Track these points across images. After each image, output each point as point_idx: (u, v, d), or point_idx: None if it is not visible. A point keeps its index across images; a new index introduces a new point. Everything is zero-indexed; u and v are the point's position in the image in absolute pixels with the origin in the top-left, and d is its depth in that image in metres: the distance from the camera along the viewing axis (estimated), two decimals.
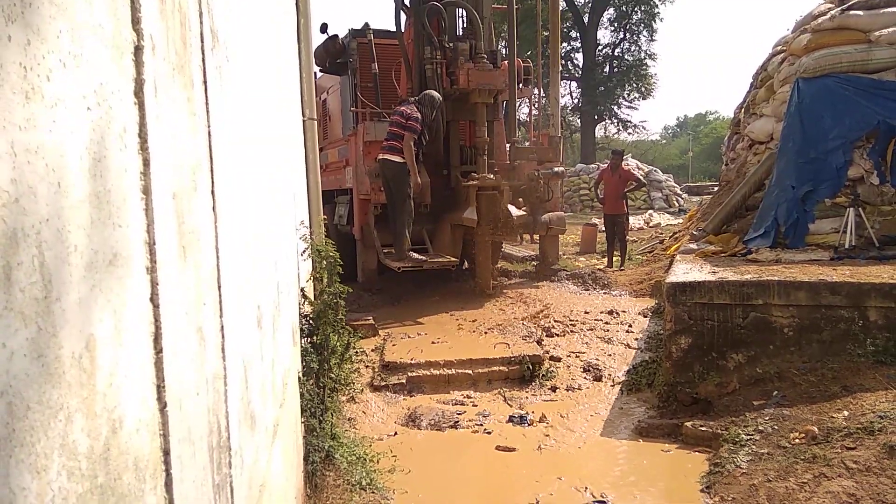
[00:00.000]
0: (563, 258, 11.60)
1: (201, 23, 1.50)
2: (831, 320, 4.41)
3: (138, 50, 1.06)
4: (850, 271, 4.73)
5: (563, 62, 36.91)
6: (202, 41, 1.50)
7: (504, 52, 8.90)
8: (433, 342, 6.15)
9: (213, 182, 1.53)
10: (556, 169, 8.57)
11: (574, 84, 36.42)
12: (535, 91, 9.94)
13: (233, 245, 1.68)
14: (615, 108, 35.88)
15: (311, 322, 3.52)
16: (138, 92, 1.06)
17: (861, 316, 4.34)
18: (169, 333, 1.10)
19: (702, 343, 4.72)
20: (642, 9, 34.31)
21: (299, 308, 3.45)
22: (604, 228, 11.68)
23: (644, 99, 36.03)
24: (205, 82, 1.51)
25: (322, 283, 3.67)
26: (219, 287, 1.51)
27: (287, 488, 2.49)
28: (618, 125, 37.13)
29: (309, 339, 3.52)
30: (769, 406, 4.18)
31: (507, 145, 8.70)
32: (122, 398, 0.92)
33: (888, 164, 5.72)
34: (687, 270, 5.21)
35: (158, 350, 1.07)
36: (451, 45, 7.88)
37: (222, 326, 1.52)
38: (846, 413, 3.82)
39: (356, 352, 6.09)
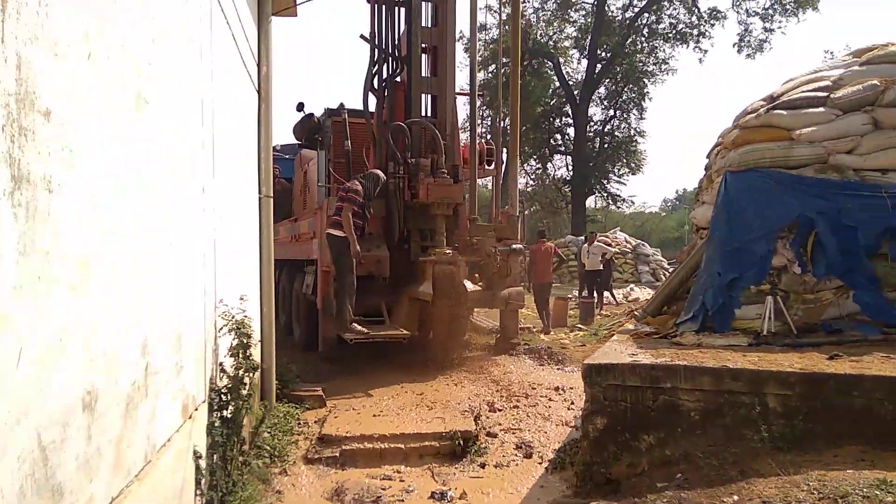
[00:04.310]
0: (531, 332, 11.90)
1: None
2: (734, 405, 4.60)
3: None
4: (758, 358, 4.95)
5: (557, 136, 38.10)
6: None
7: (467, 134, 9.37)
8: (374, 415, 6.32)
9: None
10: (514, 246, 8.91)
11: (569, 158, 37.38)
12: (502, 169, 10.40)
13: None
14: (605, 182, 36.72)
15: (222, 396, 3.74)
16: None
17: (761, 402, 4.53)
18: None
19: (616, 424, 4.90)
20: (632, 88, 35.57)
21: (212, 383, 3.68)
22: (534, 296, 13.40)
23: (633, 174, 36.97)
24: None
25: (238, 358, 3.91)
26: None
27: None
28: (607, 199, 37.88)
29: (219, 413, 3.73)
30: (670, 488, 4.33)
31: (468, 222, 9.06)
32: None
33: (809, 254, 6.02)
34: (608, 351, 5.44)
35: None
36: (413, 160, 8.38)
37: None
38: (735, 498, 3.98)
39: (299, 422, 6.30)
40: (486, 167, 9.71)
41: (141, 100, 2.30)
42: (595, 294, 16.00)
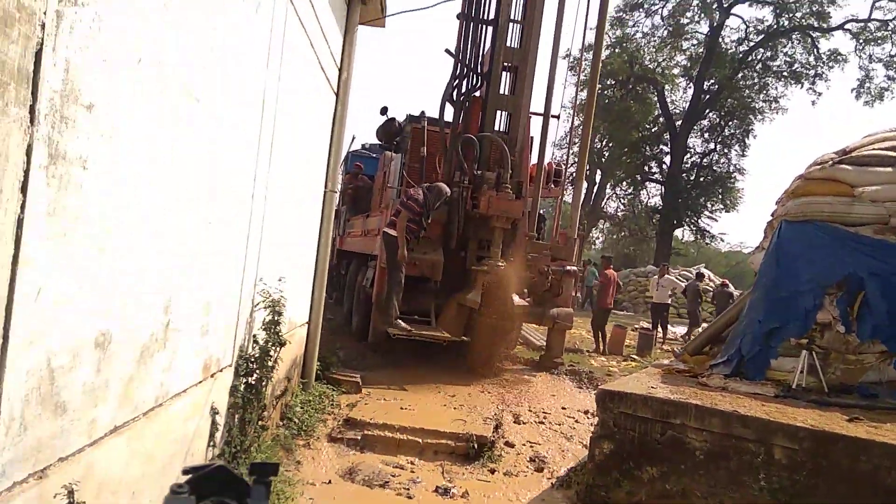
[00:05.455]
0: (585, 354, 12.00)
1: None
2: (739, 451, 4.61)
3: None
4: (775, 409, 4.92)
5: (652, 163, 37.26)
6: None
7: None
8: (402, 408, 6.65)
9: None
10: (568, 267, 9.04)
11: (663, 187, 36.42)
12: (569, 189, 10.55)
13: None
14: (696, 216, 35.50)
15: (248, 364, 4.15)
16: None
17: (767, 452, 4.53)
18: None
19: (622, 451, 5.00)
20: (737, 123, 34.37)
21: (241, 350, 4.11)
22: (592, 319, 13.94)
23: (727, 211, 35.61)
24: None
25: (269, 332, 4.33)
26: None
27: None
28: (695, 233, 36.64)
29: (244, 379, 4.14)
30: None
31: (526, 238, 9.27)
32: None
33: (855, 314, 5.87)
34: (629, 381, 5.54)
35: None
36: (479, 172, 8.66)
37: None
38: None
39: (332, 403, 6.72)
40: (553, 187, 9.89)
41: (190, 97, 2.72)
42: (660, 327, 15.72)
